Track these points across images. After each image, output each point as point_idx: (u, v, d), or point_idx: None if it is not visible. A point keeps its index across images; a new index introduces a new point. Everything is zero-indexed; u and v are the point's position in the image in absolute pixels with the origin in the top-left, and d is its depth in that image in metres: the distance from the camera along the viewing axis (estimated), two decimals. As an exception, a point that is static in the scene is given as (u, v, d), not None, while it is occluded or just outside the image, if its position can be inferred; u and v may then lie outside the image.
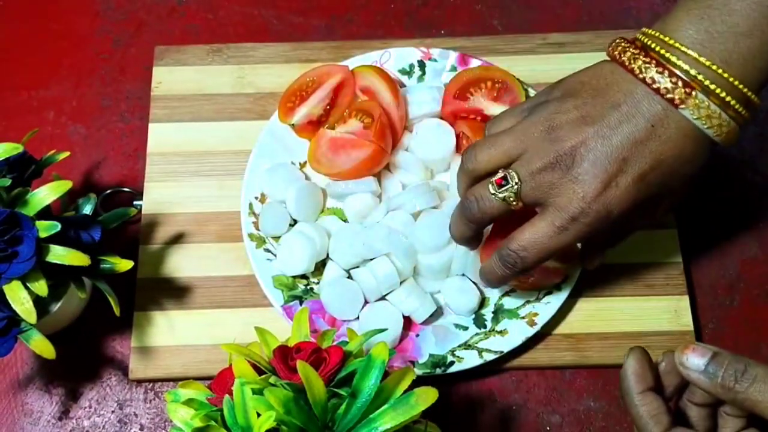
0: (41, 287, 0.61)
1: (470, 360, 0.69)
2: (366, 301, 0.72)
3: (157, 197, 0.77)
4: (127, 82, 0.84)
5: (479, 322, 0.71)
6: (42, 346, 0.62)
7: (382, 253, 0.71)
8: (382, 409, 0.51)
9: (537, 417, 0.71)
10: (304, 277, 0.73)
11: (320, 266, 0.74)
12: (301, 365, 0.49)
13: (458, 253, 0.71)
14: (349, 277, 0.73)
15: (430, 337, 0.71)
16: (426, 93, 0.78)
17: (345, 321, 0.71)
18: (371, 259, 0.72)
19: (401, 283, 0.71)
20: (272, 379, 0.52)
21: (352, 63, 0.80)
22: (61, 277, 0.64)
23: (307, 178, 0.77)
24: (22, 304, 0.60)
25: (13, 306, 0.60)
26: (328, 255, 0.74)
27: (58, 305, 0.67)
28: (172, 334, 0.72)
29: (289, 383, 0.51)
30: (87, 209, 0.68)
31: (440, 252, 0.71)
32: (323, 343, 0.57)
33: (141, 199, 0.77)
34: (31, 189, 0.64)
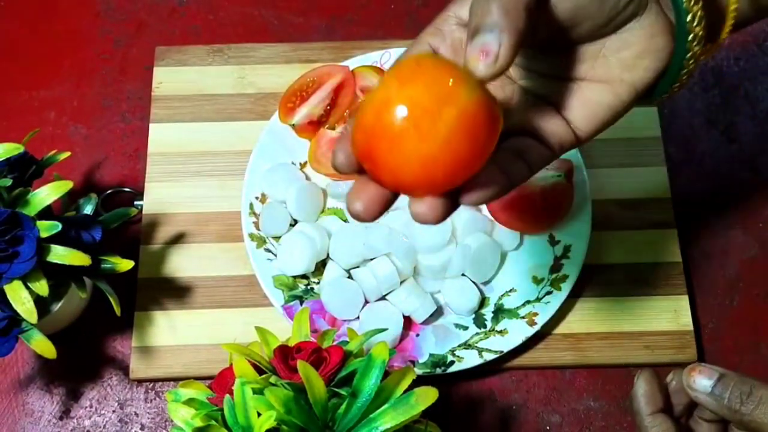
0: (42, 287, 0.61)
1: (470, 360, 0.69)
2: (366, 301, 0.72)
3: (158, 197, 0.77)
4: (128, 82, 0.84)
5: (479, 321, 0.72)
6: (43, 345, 0.62)
7: (383, 253, 0.71)
8: (382, 408, 0.51)
9: (537, 417, 0.71)
10: (304, 277, 0.73)
11: (320, 266, 0.74)
12: (301, 365, 0.49)
13: (458, 253, 0.71)
14: (350, 277, 0.73)
15: (430, 337, 0.71)
16: (426, 93, 0.78)
17: (345, 321, 0.71)
18: (371, 259, 0.72)
19: (401, 283, 0.71)
20: (273, 379, 0.52)
21: (352, 63, 0.80)
22: (61, 277, 0.64)
23: (307, 178, 0.77)
24: (23, 304, 0.60)
25: (14, 306, 0.60)
26: (328, 255, 0.74)
27: (59, 305, 0.67)
28: (173, 333, 0.72)
29: (289, 383, 0.51)
30: (88, 209, 0.68)
31: (440, 252, 0.71)
32: (324, 343, 0.57)
33: (142, 199, 0.77)
34: (32, 189, 0.64)
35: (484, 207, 0.75)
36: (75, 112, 0.83)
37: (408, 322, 0.72)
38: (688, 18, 0.42)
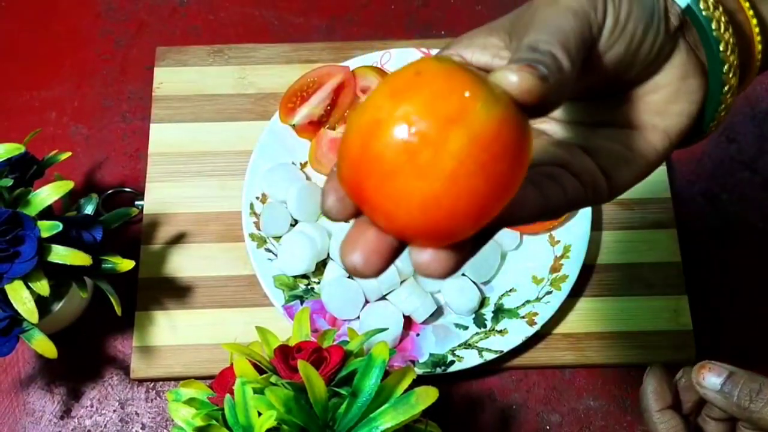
0: (43, 287, 0.61)
1: (470, 359, 0.69)
2: (366, 301, 0.72)
3: (159, 197, 0.78)
4: (129, 82, 0.84)
5: (479, 321, 0.72)
6: (44, 345, 0.62)
7: (383, 253, 0.71)
8: (382, 408, 0.51)
9: (537, 416, 0.71)
10: (304, 276, 0.73)
11: (321, 266, 0.74)
12: (301, 365, 0.50)
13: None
14: (350, 276, 0.73)
15: (431, 337, 0.71)
16: (426, 93, 0.78)
17: (345, 320, 0.71)
18: (372, 259, 0.72)
19: (401, 282, 0.72)
20: (273, 379, 0.52)
21: (352, 64, 0.80)
22: (62, 277, 0.64)
23: (307, 178, 0.77)
24: (24, 304, 0.60)
25: (15, 306, 0.60)
26: (328, 255, 0.74)
27: (60, 305, 0.67)
28: (174, 333, 0.72)
29: (290, 382, 0.51)
30: (89, 209, 0.68)
31: (440, 252, 0.71)
32: (324, 343, 0.57)
33: (142, 199, 0.77)
34: (33, 189, 0.64)
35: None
36: (76, 113, 0.83)
37: (408, 321, 0.72)
38: (721, 47, 0.38)
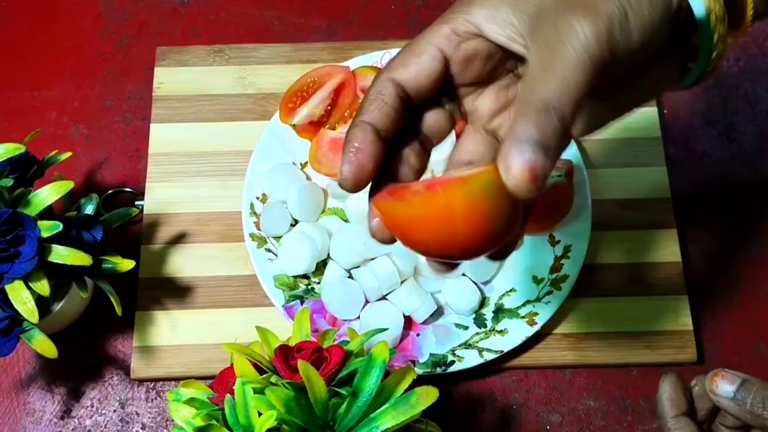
0: (43, 287, 0.61)
1: (471, 359, 0.70)
2: (367, 301, 0.72)
3: (159, 197, 0.78)
4: (129, 82, 0.84)
5: (479, 321, 0.72)
6: (44, 345, 0.62)
7: (383, 252, 0.71)
8: (382, 408, 0.51)
9: (537, 416, 0.71)
10: (305, 276, 0.73)
11: (321, 266, 0.74)
12: (302, 364, 0.50)
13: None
14: (350, 276, 0.73)
15: (431, 337, 0.71)
16: (426, 93, 0.78)
17: (346, 320, 0.72)
18: (372, 259, 0.72)
19: (402, 282, 0.72)
20: (273, 379, 0.52)
21: (352, 64, 0.80)
22: (63, 277, 0.64)
23: (308, 178, 0.78)
24: (25, 304, 0.60)
25: (16, 306, 0.60)
26: (329, 255, 0.74)
27: (60, 305, 0.68)
28: (174, 333, 0.73)
29: (290, 382, 0.51)
30: (89, 209, 0.68)
31: (441, 252, 0.71)
32: (324, 343, 0.57)
33: (143, 199, 0.78)
34: (34, 189, 0.64)
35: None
36: (76, 113, 0.83)
37: (408, 321, 0.72)
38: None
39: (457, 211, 0.39)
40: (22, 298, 0.60)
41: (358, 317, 0.71)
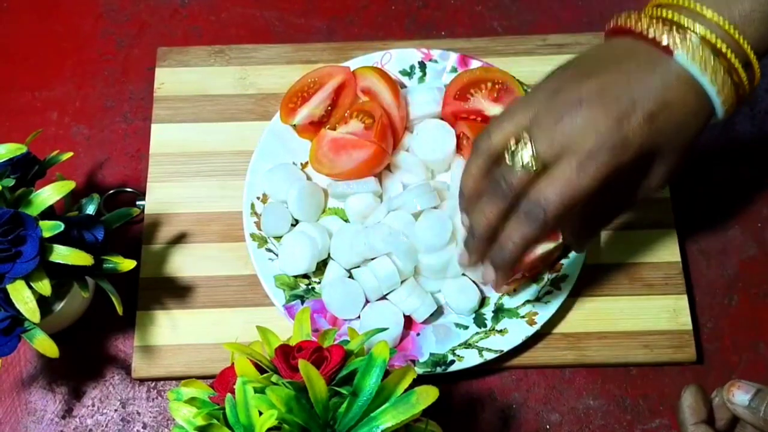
0: (44, 287, 0.61)
1: (470, 359, 0.70)
2: (367, 301, 0.72)
3: (160, 197, 0.78)
4: (130, 83, 0.85)
5: (479, 321, 0.72)
6: (45, 345, 0.63)
7: (383, 252, 0.71)
8: (383, 407, 0.51)
9: (537, 415, 0.71)
10: (305, 276, 0.74)
11: (321, 266, 0.74)
12: (302, 364, 0.50)
13: (458, 253, 0.71)
14: (351, 276, 0.73)
15: (431, 336, 0.71)
16: (426, 94, 0.78)
17: (346, 320, 0.72)
18: (372, 259, 0.72)
19: (402, 282, 0.72)
20: (274, 378, 0.53)
21: (353, 64, 0.80)
22: (64, 277, 0.64)
23: (308, 178, 0.78)
24: (26, 304, 0.60)
25: (17, 305, 0.60)
26: (329, 255, 0.74)
27: (62, 304, 0.68)
28: (175, 333, 0.73)
29: (290, 382, 0.51)
30: (90, 209, 0.68)
31: (440, 252, 0.71)
32: (324, 342, 0.57)
33: (144, 199, 0.78)
34: (35, 189, 0.64)
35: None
36: (77, 113, 0.83)
37: (408, 321, 0.72)
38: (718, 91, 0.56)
39: None
40: (23, 297, 0.60)
41: (359, 317, 0.72)
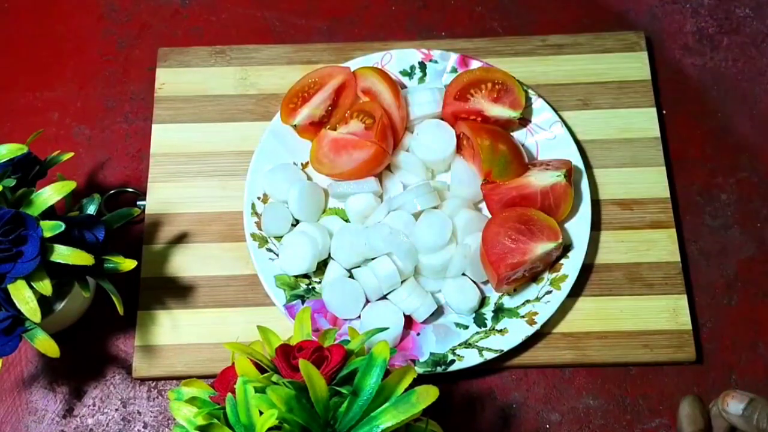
0: (45, 286, 0.61)
1: (471, 358, 0.70)
2: (367, 301, 0.72)
3: (161, 197, 0.78)
4: (131, 83, 0.85)
5: (479, 321, 0.72)
6: (46, 344, 0.63)
7: (384, 252, 0.71)
8: (383, 407, 0.51)
9: (537, 415, 0.71)
10: (306, 276, 0.74)
11: (322, 266, 0.74)
12: (303, 364, 0.50)
13: (458, 252, 0.71)
14: (351, 276, 0.73)
15: (431, 336, 0.71)
16: (427, 94, 0.79)
17: (346, 320, 0.72)
18: (372, 259, 0.72)
19: (402, 282, 0.72)
20: (274, 378, 0.53)
21: (353, 64, 0.80)
22: (65, 277, 0.64)
23: (309, 178, 0.78)
24: (27, 303, 0.60)
25: (18, 305, 0.60)
26: (329, 255, 0.74)
27: (63, 304, 0.68)
28: (176, 333, 0.73)
29: (291, 381, 0.51)
30: (91, 209, 0.68)
31: (441, 251, 0.72)
32: (325, 342, 0.58)
33: (144, 200, 0.78)
34: (36, 189, 0.64)
35: (484, 207, 0.75)
36: (78, 113, 0.84)
37: (409, 321, 0.72)
38: None
39: None
40: (24, 297, 0.60)
41: (359, 316, 0.72)
